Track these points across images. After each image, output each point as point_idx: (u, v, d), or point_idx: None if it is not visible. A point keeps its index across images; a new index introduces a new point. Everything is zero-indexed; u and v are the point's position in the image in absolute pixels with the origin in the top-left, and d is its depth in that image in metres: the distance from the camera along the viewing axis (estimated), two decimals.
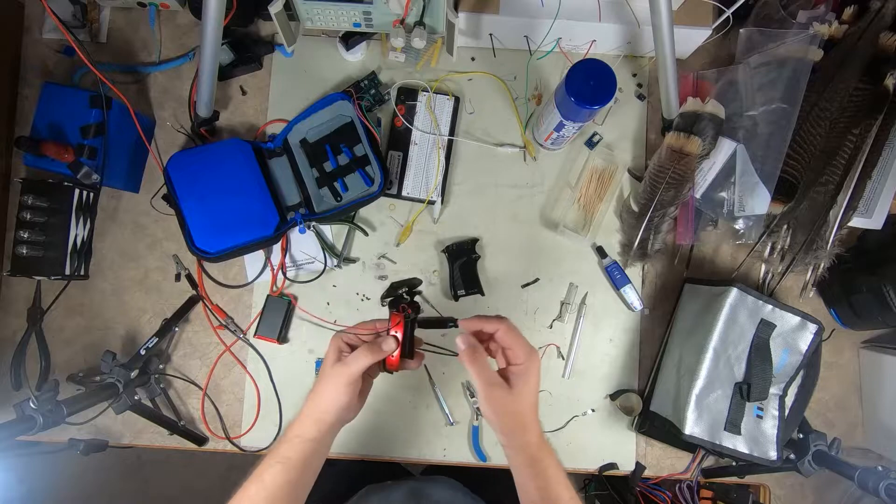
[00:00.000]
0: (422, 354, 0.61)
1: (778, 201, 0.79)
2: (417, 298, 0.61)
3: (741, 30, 0.83)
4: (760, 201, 0.80)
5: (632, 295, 0.86)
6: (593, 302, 0.88)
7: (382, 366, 0.58)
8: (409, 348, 0.57)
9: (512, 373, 0.53)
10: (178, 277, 0.87)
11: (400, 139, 0.87)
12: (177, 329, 0.86)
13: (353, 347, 0.57)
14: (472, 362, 0.53)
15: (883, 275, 0.79)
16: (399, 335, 0.57)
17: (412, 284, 0.60)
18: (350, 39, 0.85)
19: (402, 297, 0.59)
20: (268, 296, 0.86)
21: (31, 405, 0.66)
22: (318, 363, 0.87)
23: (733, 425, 0.76)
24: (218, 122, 0.88)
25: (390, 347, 0.55)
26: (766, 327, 0.77)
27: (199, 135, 0.86)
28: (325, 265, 0.86)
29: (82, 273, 0.85)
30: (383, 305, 0.61)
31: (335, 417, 0.56)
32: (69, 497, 1.73)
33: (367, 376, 0.60)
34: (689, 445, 0.82)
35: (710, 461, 0.87)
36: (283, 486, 0.53)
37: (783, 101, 0.77)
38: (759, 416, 0.77)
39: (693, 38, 0.82)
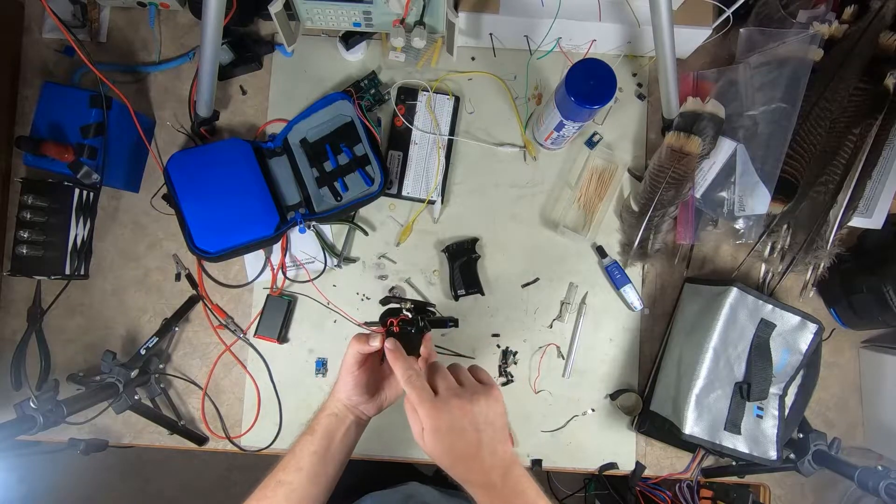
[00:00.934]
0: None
1: (778, 201, 0.79)
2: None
3: (741, 29, 0.83)
4: (760, 201, 0.80)
5: (632, 294, 0.86)
6: (593, 301, 0.88)
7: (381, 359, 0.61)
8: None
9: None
10: (178, 277, 0.87)
11: (400, 139, 0.87)
12: (177, 329, 0.86)
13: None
14: (406, 403, 0.53)
15: (883, 274, 0.79)
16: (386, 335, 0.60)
17: (421, 306, 0.61)
18: (350, 39, 0.85)
19: (396, 311, 0.60)
20: (268, 295, 0.86)
21: (32, 405, 0.66)
22: (319, 363, 0.87)
23: (733, 425, 0.76)
24: (218, 121, 0.88)
25: (375, 344, 0.58)
26: (766, 327, 0.77)
27: (199, 134, 0.86)
28: (326, 265, 0.86)
29: (82, 273, 0.85)
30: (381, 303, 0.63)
31: (346, 398, 0.59)
32: (69, 497, 1.73)
33: (384, 373, 0.62)
34: (689, 445, 0.82)
35: (709, 461, 0.87)
36: (310, 456, 0.57)
37: (783, 101, 0.77)
38: (759, 416, 0.77)
39: (693, 37, 0.82)
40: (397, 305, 0.60)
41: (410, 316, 0.59)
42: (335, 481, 0.59)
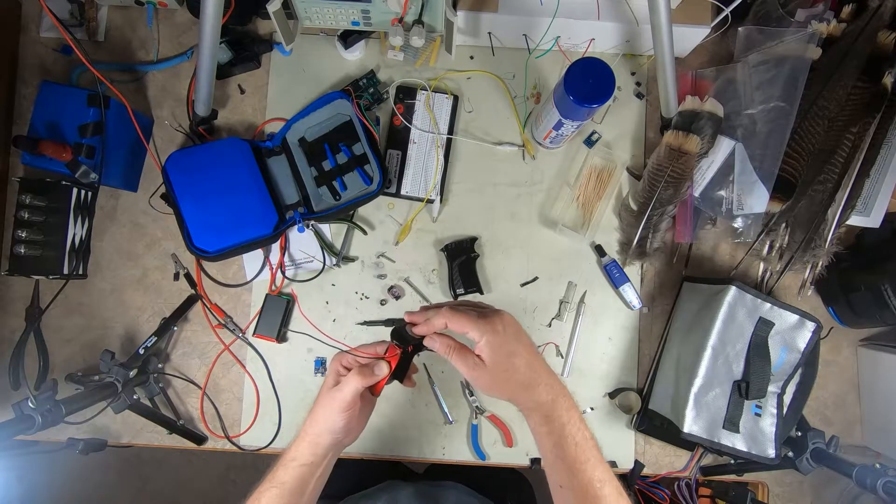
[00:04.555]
0: (412, 382, 0.61)
1: (776, 199, 0.79)
2: None
3: (740, 28, 0.83)
4: (759, 199, 0.80)
5: (630, 293, 0.86)
6: (592, 300, 0.88)
7: (371, 388, 0.58)
8: (399, 376, 0.57)
9: (480, 350, 0.52)
10: (176, 276, 0.87)
11: (399, 138, 0.87)
12: (175, 328, 0.86)
13: (350, 370, 0.57)
14: (449, 355, 0.53)
15: (881, 273, 0.79)
16: (391, 364, 0.57)
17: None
18: (349, 38, 0.84)
19: (410, 338, 0.57)
20: (267, 295, 0.86)
21: (30, 405, 0.66)
22: (318, 362, 0.87)
23: (732, 423, 0.76)
24: (216, 120, 0.88)
25: (382, 372, 0.55)
26: (764, 325, 0.77)
27: (197, 134, 0.85)
28: (324, 264, 0.86)
29: (81, 272, 0.84)
30: (392, 340, 0.58)
31: (330, 441, 0.56)
32: (68, 496, 1.73)
33: (368, 398, 0.60)
34: (688, 443, 0.83)
35: (708, 459, 0.87)
36: None
37: (782, 100, 0.77)
38: (758, 414, 0.77)
39: (692, 36, 0.82)
40: (404, 334, 0.57)
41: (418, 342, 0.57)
42: None
